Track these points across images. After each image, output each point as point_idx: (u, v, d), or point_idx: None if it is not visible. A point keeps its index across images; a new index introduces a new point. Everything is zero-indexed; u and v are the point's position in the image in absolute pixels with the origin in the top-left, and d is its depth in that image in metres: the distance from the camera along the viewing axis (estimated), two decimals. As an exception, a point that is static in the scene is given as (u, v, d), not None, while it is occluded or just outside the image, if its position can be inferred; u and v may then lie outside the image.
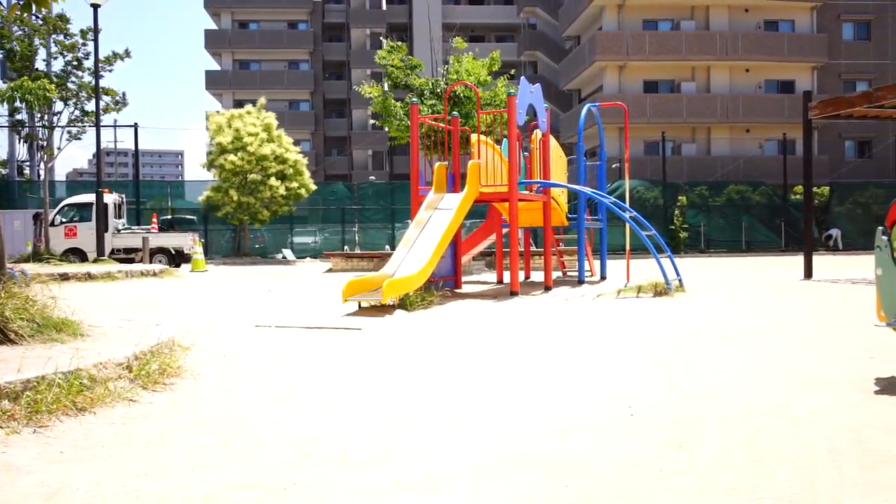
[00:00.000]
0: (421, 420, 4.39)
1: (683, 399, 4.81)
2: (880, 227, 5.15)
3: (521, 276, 16.11)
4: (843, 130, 43.32)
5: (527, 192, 13.29)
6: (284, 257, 30.08)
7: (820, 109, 15.90)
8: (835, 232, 33.98)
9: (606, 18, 43.14)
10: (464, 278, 15.73)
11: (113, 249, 24.15)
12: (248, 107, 29.35)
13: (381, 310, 9.93)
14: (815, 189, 34.53)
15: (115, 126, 39.03)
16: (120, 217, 25.33)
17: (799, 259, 16.69)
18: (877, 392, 4.90)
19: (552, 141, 14.28)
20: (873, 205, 34.15)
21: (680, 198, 34.25)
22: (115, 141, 61.35)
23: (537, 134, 13.72)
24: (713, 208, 34.67)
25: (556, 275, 16.58)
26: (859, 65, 43.92)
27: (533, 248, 19.73)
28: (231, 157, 26.93)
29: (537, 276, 16.30)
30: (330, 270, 21.84)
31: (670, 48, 41.91)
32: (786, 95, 42.28)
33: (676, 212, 33.82)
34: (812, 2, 42.86)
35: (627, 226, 13.44)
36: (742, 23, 43.15)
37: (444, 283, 13.00)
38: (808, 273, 15.73)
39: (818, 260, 20.20)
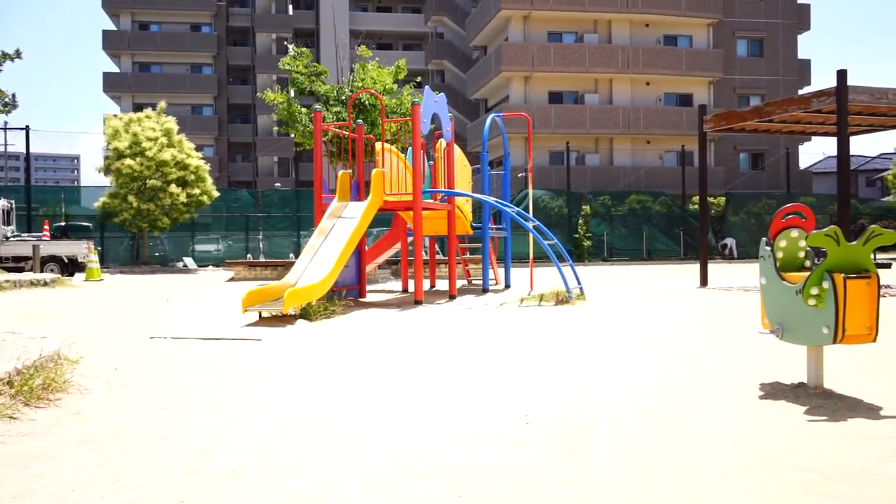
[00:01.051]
0: (317, 432, 4.32)
1: (579, 406, 4.88)
2: (764, 239, 5.34)
3: (427, 284, 16.13)
4: (738, 143, 45.04)
5: (431, 201, 13.31)
6: (185, 266, 29.33)
7: (714, 123, 16.47)
8: (730, 241, 35.21)
9: (512, 29, 43.75)
10: (369, 287, 15.65)
11: (1, 258, 23.09)
12: (148, 110, 28.55)
13: (282, 320, 9.77)
14: (711, 199, 35.79)
15: (4, 129, 37.40)
16: (9, 224, 24.22)
17: (696, 267, 17.23)
18: (761, 397, 5.08)
19: (457, 150, 14.36)
20: (766, 215, 35.55)
21: (584, 207, 34.91)
22: (6, 144, 58.84)
23: (442, 143, 13.77)
24: (616, 217, 35.46)
25: (461, 283, 16.66)
26: (752, 80, 45.77)
27: (439, 257, 19.79)
28: (129, 161, 26.12)
29: (443, 285, 16.36)
30: (232, 279, 21.40)
31: (574, 60, 42.79)
32: (684, 108, 43.71)
33: (580, 221, 34.45)
34: (708, 18, 44.43)
35: (531, 235, 13.61)
36: (643, 37, 44.42)
37: (347, 293, 12.89)
38: (704, 281, 16.24)
39: (714, 268, 20.89)
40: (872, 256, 4.84)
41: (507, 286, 15.44)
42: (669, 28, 44.70)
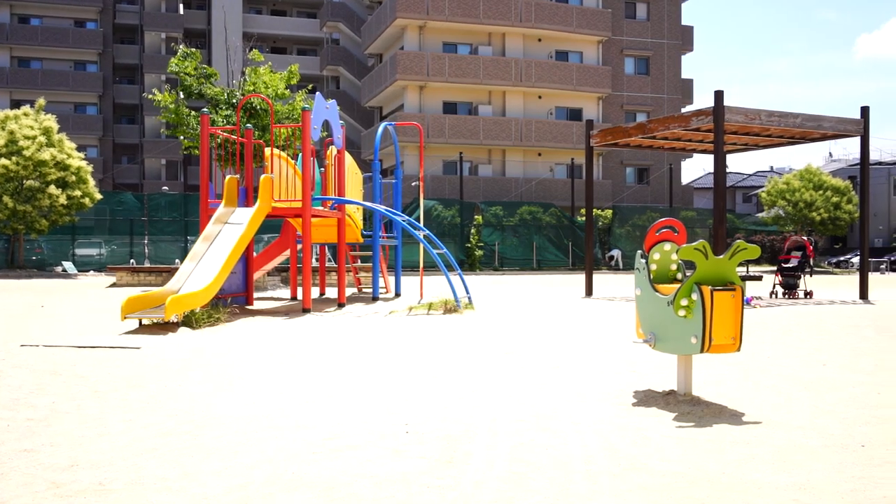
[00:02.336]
0: (190, 444, 4.22)
1: (459, 415, 4.93)
2: (639, 251, 5.54)
3: (316, 292, 15.99)
4: (625, 158, 46.47)
5: (321, 209, 13.21)
6: (65, 270, 28.12)
7: (600, 138, 16.97)
8: (616, 252, 36.25)
9: (408, 38, 43.92)
10: (257, 294, 15.39)
11: None
12: (26, 108, 27.28)
13: (164, 328, 9.50)
14: (598, 212, 36.80)
15: None
16: None
17: (584, 277, 17.66)
18: (634, 404, 5.25)
19: (348, 157, 14.31)
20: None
21: (476, 217, 35.28)
22: None
23: (332, 150, 13.69)
24: (507, 228, 35.97)
25: (351, 291, 16.58)
26: (639, 97, 47.35)
27: (330, 264, 19.64)
28: (4, 161, 24.88)
29: (333, 293, 16.23)
30: (114, 285, 20.66)
31: (469, 72, 43.28)
32: (574, 122, 44.80)
33: (473, 230, 34.80)
34: (598, 36, 45.73)
35: (421, 244, 13.68)
36: (536, 52, 45.32)
37: (233, 300, 12.65)
38: (589, 291, 16.67)
39: (601, 278, 21.49)
40: (746, 269, 5.07)
41: (398, 294, 15.45)
42: (561, 44, 45.77)
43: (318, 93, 13.58)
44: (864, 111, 15.51)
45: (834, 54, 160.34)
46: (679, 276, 5.58)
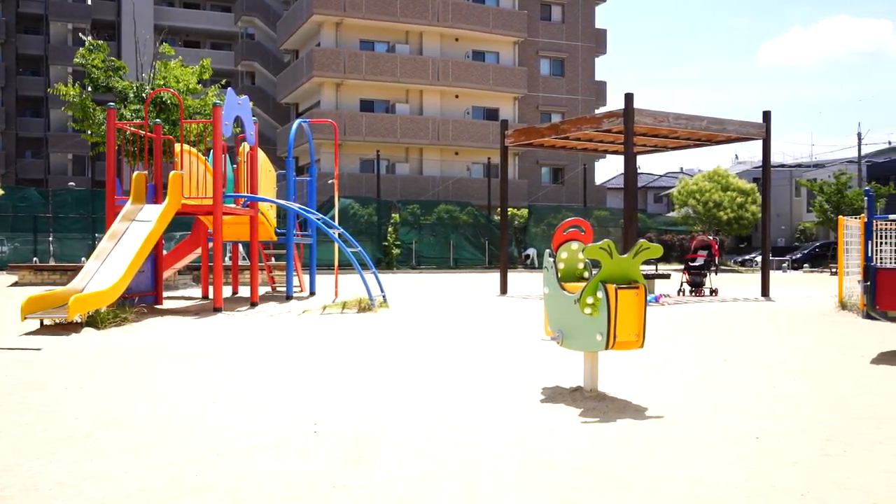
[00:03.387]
0: (91, 447, 4.10)
1: (369, 414, 4.92)
2: (548, 250, 5.63)
3: (229, 291, 15.72)
4: (540, 158, 47.10)
5: (233, 206, 13.00)
6: (-38, 269, 26.94)
7: (515, 138, 17.17)
8: (532, 251, 36.73)
9: (325, 35, 43.55)
10: (167, 294, 15.04)
11: None
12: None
13: (67, 328, 9.20)
14: (515, 211, 37.21)
15: None
16: None
17: (499, 276, 17.83)
18: (542, 401, 5.34)
19: (261, 154, 14.10)
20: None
21: (394, 215, 35.26)
22: None
23: (245, 147, 13.48)
24: (424, 226, 36.06)
25: (265, 290, 16.36)
26: (554, 98, 48.07)
27: (244, 263, 19.34)
28: None
29: (246, 292, 15.98)
30: (16, 284, 19.89)
31: (386, 70, 43.18)
32: (491, 122, 45.16)
33: (390, 229, 34.77)
34: (514, 37, 46.22)
35: (336, 243, 13.59)
36: (453, 51, 45.53)
37: (141, 299, 12.33)
38: (504, 289, 16.86)
39: (516, 277, 21.74)
40: (655, 268, 5.20)
41: (312, 293, 15.32)
42: (478, 44, 46.09)
43: (230, 88, 13.35)
44: (766, 115, 16.10)
45: (740, 60, 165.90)
46: (586, 274, 5.69)
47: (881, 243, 12.15)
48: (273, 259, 17.37)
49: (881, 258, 11.99)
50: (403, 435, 4.41)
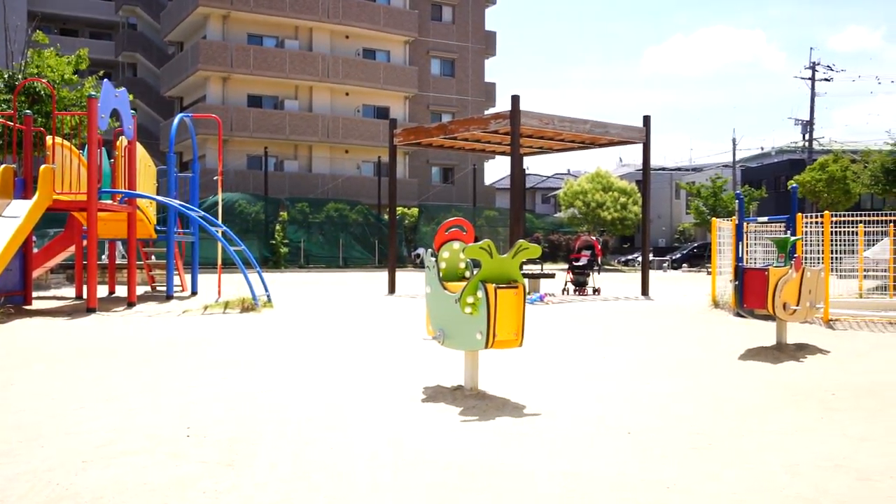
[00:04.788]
0: (-61, 458, 3.85)
1: (246, 416, 4.81)
2: (430, 250, 5.64)
3: (105, 290, 15.12)
4: (431, 157, 47.29)
5: (110, 202, 12.50)
6: None
7: (404, 137, 17.17)
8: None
9: (211, 28, 42.47)
10: (38, 293, 14.38)
11: None
12: None
13: (-77, 330, 8.65)
14: (405, 210, 37.26)
15: None
16: None
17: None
18: (423, 400, 5.34)
19: (140, 149, 13.63)
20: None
21: (282, 213, 34.74)
22: None
23: (122, 141, 12.99)
24: (313, 224, 35.68)
25: (144, 290, 15.82)
26: (444, 98, 48.35)
27: (121, 261, 18.63)
28: None
29: (124, 291, 15.41)
30: None
31: (275, 65, 42.47)
32: (381, 121, 45.01)
33: (278, 227, 34.25)
34: (405, 36, 46.25)
35: (219, 241, 13.26)
36: (343, 48, 45.18)
37: (8, 299, 11.71)
38: (392, 289, 16.83)
39: (406, 276, 21.74)
40: (541, 268, 5.26)
41: (194, 293, 14.90)
42: (368, 42, 45.89)
43: (106, 80, 12.83)
44: (646, 120, 16.64)
45: (624, 65, 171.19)
46: (467, 274, 5.73)
47: (752, 244, 12.73)
48: (153, 257, 16.81)
49: (753, 259, 12.55)
50: (280, 436, 4.33)
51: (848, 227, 12.33)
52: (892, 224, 12.63)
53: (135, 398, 5.33)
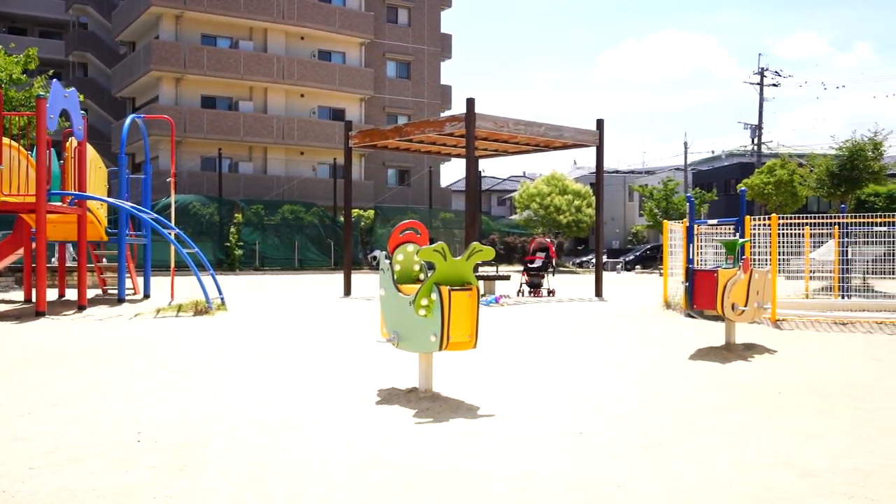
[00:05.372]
0: None
1: (198, 420, 4.78)
2: (384, 252, 5.65)
3: (56, 294, 14.84)
4: (387, 159, 47.21)
5: (59, 204, 12.28)
6: None
7: (359, 139, 17.14)
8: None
9: (164, 28, 41.91)
10: (-16, 297, 14.05)
11: None
12: None
13: None
14: (361, 212, 37.13)
15: None
16: None
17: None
18: (377, 402, 5.35)
19: (91, 150, 13.40)
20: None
21: (236, 215, 34.40)
22: None
23: (72, 142, 12.77)
24: (269, 227, 35.38)
25: (96, 293, 15.56)
26: (400, 100, 48.31)
27: (71, 264, 18.30)
28: None
29: (74, 294, 15.14)
30: None
31: (229, 66, 42.04)
32: (337, 122, 44.79)
33: (233, 229, 33.90)
34: (361, 38, 46.11)
35: (172, 243, 13.10)
36: (298, 50, 44.89)
37: (-46, 303, 11.44)
38: (348, 291, 16.78)
39: (362, 278, 21.68)
40: (496, 269, 5.29)
41: (147, 296, 14.69)
42: (324, 43, 45.67)
43: (55, 80, 12.62)
44: (599, 123, 16.82)
45: (578, 69, 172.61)
46: (421, 276, 5.75)
47: (703, 246, 12.94)
48: (104, 260, 16.53)
49: (704, 261, 12.76)
50: (233, 441, 4.31)
51: (795, 229, 12.60)
52: (836, 226, 12.94)
53: (84, 403, 5.26)
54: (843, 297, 12.83)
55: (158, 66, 40.51)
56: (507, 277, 16.69)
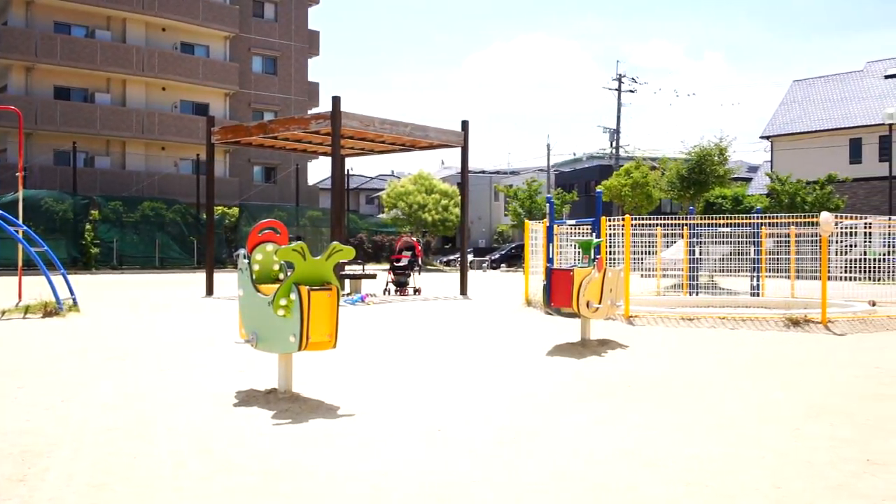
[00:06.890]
0: None
1: (42, 428, 4.57)
2: (242, 251, 5.56)
3: None
4: (252, 156, 46.27)
5: None
6: None
7: (222, 135, 16.75)
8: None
9: (13, 13, 39.59)
10: None
11: None
12: None
13: None
14: (225, 209, 36.27)
15: None
16: None
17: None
18: (235, 404, 5.26)
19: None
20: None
21: (93, 212, 32.95)
22: None
23: None
24: (127, 224, 34.07)
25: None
26: (267, 96, 47.45)
27: None
28: None
29: None
30: None
31: (85, 56, 40.15)
32: (200, 117, 43.48)
33: (89, 226, 32.45)
34: (225, 31, 45.00)
35: (19, 242, 12.43)
36: (159, 41, 43.37)
37: None
38: (210, 290, 16.38)
39: (226, 277, 21.14)
40: (362, 268, 5.28)
41: (-9, 297, 13.89)
42: (187, 36, 44.32)
43: None
44: (464, 124, 17.08)
45: (446, 70, 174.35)
46: (281, 276, 5.70)
47: (563, 246, 13.36)
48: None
49: (565, 259, 13.17)
50: (78, 448, 4.14)
51: (647, 229, 13.20)
52: (685, 227, 13.64)
53: (-85, 413, 4.94)
54: (691, 294, 13.54)
55: (7, 54, 38.27)
56: (373, 276, 16.71)
